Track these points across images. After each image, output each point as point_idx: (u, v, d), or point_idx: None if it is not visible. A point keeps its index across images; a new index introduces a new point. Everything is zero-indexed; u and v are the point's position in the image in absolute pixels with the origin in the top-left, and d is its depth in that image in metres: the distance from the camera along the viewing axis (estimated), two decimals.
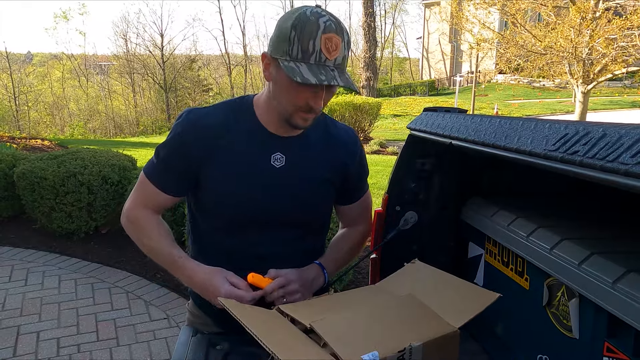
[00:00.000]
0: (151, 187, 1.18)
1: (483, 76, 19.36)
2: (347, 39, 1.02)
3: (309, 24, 0.97)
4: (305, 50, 0.98)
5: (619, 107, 20.63)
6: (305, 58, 0.98)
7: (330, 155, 1.21)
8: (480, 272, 1.19)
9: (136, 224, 1.20)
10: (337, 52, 0.99)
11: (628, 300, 0.69)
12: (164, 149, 1.16)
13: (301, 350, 0.83)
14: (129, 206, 1.21)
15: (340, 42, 1.00)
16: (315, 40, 0.97)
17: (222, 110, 1.17)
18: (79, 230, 4.17)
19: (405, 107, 22.80)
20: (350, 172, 1.24)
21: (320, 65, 0.99)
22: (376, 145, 11.41)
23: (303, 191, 1.17)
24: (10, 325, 2.89)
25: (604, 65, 10.08)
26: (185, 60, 32.29)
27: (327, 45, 0.98)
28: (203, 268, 1.12)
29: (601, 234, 0.93)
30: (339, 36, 0.99)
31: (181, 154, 1.14)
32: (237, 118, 1.15)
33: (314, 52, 0.98)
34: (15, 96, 26.76)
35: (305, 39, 0.97)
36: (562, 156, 0.67)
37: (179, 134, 1.14)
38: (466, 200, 1.27)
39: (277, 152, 1.15)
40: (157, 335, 2.83)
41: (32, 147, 7.61)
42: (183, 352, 1.17)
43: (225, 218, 1.17)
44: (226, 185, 1.13)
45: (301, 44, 0.97)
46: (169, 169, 1.16)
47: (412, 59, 46.90)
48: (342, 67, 1.02)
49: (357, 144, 1.27)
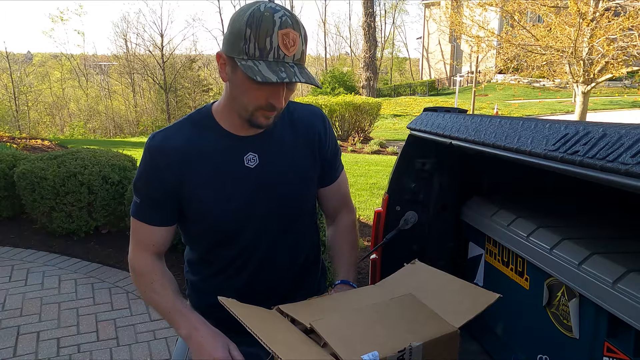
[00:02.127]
0: (141, 226, 1.14)
1: (483, 76, 19.35)
2: (304, 33, 0.99)
3: (264, 20, 0.94)
4: (263, 48, 0.95)
5: (619, 107, 20.63)
6: (263, 56, 0.95)
7: (300, 142, 1.19)
8: (480, 272, 1.19)
9: (139, 274, 1.16)
10: (295, 47, 0.97)
11: (628, 300, 0.69)
12: (140, 181, 1.14)
13: (301, 350, 0.83)
14: (131, 255, 1.18)
15: (298, 37, 0.97)
16: (272, 37, 0.94)
17: (184, 128, 1.13)
18: (79, 230, 4.17)
19: (405, 107, 22.80)
20: (324, 151, 1.23)
21: (280, 62, 0.96)
22: (376, 145, 11.41)
23: (282, 185, 1.16)
24: (11, 325, 2.89)
25: (604, 65, 10.08)
26: (185, 60, 32.26)
27: (285, 42, 0.95)
28: (209, 326, 1.07)
29: (601, 234, 0.92)
30: (296, 31, 0.97)
31: (156, 179, 1.11)
32: (200, 131, 1.12)
33: (272, 49, 0.95)
34: (15, 96, 26.74)
35: (262, 36, 0.94)
36: (562, 156, 0.67)
37: (148, 161, 1.11)
38: (466, 200, 1.27)
39: (248, 153, 1.13)
40: (157, 335, 2.83)
41: (32, 147, 7.61)
42: (183, 352, 1.17)
43: (213, 232, 1.15)
44: (206, 197, 1.11)
45: (258, 42, 0.95)
46: (151, 199, 1.12)
47: (412, 59, 46.93)
48: (301, 62, 1.00)
49: (325, 121, 1.25)
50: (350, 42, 43.98)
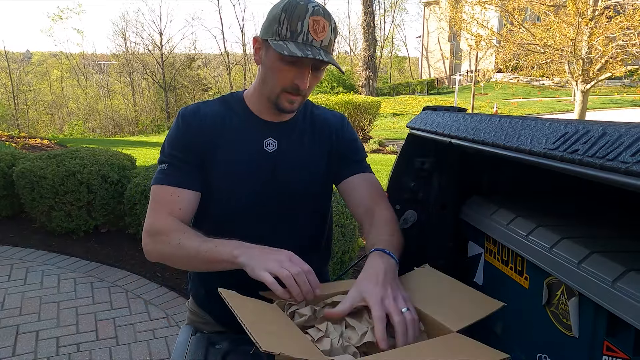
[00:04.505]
0: (167, 191, 1.11)
1: (482, 75, 19.35)
2: (334, 25, 1.07)
3: (299, 7, 1.03)
4: (294, 30, 1.03)
5: (619, 106, 20.65)
6: (294, 37, 1.03)
7: (317, 137, 1.24)
8: (480, 271, 1.19)
9: (163, 233, 1.07)
10: (324, 33, 1.04)
11: (628, 299, 0.69)
12: (170, 145, 1.15)
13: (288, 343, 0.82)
14: (150, 221, 1.10)
15: (328, 26, 1.05)
16: (304, 21, 1.02)
17: (216, 104, 1.21)
18: (79, 230, 4.17)
19: (404, 106, 22.80)
20: (339, 146, 1.25)
21: (307, 44, 1.03)
22: (375, 144, 11.42)
23: (296, 174, 1.19)
24: (10, 324, 2.89)
25: (603, 64, 10.08)
26: (185, 59, 32.27)
27: (315, 27, 1.03)
28: None
29: (601, 233, 0.92)
30: (326, 20, 1.05)
31: (188, 141, 1.14)
32: (230, 108, 1.19)
33: (302, 32, 1.03)
34: (14, 95, 26.73)
35: (294, 20, 1.02)
36: (561, 155, 0.67)
37: (181, 124, 1.16)
38: (466, 199, 1.27)
39: (269, 138, 1.18)
40: (157, 334, 2.83)
41: (31, 146, 7.60)
42: (182, 351, 1.17)
43: (224, 207, 1.17)
44: (224, 171, 1.15)
45: (290, 25, 1.03)
46: (180, 161, 1.13)
47: (411, 58, 46.95)
48: (328, 49, 1.07)
49: (344, 120, 1.30)
50: (350, 41, 44.07)
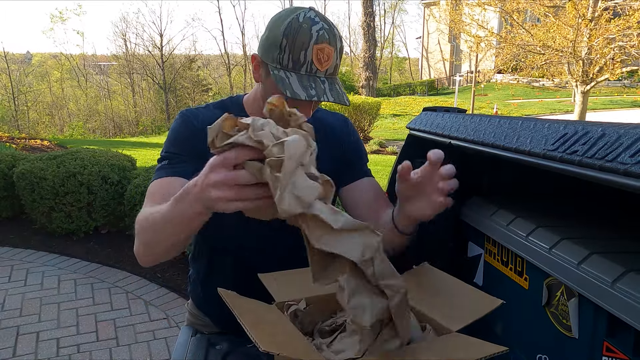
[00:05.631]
0: (161, 182, 1.06)
1: (482, 76, 19.37)
2: (339, 46, 1.00)
3: (302, 32, 0.95)
4: (296, 61, 0.96)
5: (619, 107, 20.66)
6: (296, 68, 0.96)
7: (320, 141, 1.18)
8: (480, 271, 1.19)
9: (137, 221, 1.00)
10: (329, 62, 0.98)
11: (627, 299, 0.69)
12: (167, 144, 1.14)
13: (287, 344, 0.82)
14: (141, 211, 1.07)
15: (333, 52, 0.98)
16: (307, 50, 0.95)
17: (213, 109, 1.17)
18: (79, 231, 4.17)
19: (404, 106, 22.81)
20: (343, 151, 1.22)
21: (311, 77, 0.97)
22: (376, 145, 11.42)
23: None
24: (10, 325, 2.89)
25: (603, 65, 10.08)
26: (185, 60, 32.27)
27: (319, 56, 0.96)
28: None
29: (600, 233, 0.93)
30: (331, 46, 0.97)
31: (184, 142, 1.12)
32: None
33: (305, 63, 0.96)
34: (14, 96, 26.74)
35: (297, 49, 0.95)
36: (561, 156, 0.67)
37: (180, 124, 1.14)
38: (465, 200, 1.27)
39: None
40: (157, 335, 2.83)
41: (32, 147, 7.61)
42: (182, 352, 1.17)
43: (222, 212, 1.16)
44: None
45: (292, 54, 0.96)
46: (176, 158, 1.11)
47: (411, 59, 46.97)
48: (333, 76, 1.01)
49: (347, 123, 1.27)
50: (350, 41, 43.99)
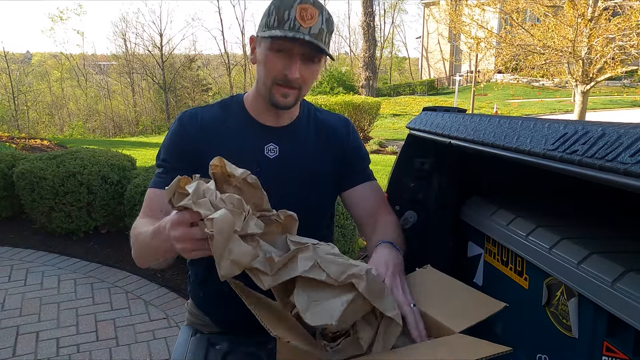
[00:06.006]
0: (155, 194, 1.11)
1: (482, 76, 19.36)
2: (326, 16, 1.04)
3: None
4: (281, 19, 1.02)
5: (619, 107, 20.65)
6: (281, 25, 1.02)
7: (321, 144, 1.21)
8: (480, 271, 1.19)
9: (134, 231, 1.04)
10: (312, 21, 1.02)
11: (627, 299, 0.69)
12: (163, 151, 1.16)
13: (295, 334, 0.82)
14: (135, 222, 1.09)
15: (317, 14, 1.02)
16: (291, 10, 1.01)
17: (215, 108, 1.20)
18: (79, 230, 4.17)
19: (404, 106, 22.80)
20: (345, 153, 1.23)
21: (294, 31, 1.01)
22: (375, 145, 11.42)
23: (298, 181, 1.17)
24: (10, 325, 2.89)
25: (603, 64, 10.08)
26: (185, 60, 32.24)
27: (302, 14, 1.01)
28: None
29: (600, 233, 0.93)
30: (316, 8, 1.02)
31: (179, 149, 1.14)
32: (229, 113, 1.18)
33: (289, 20, 1.01)
34: (14, 96, 26.72)
35: (282, 9, 1.02)
36: (561, 155, 0.67)
37: (177, 128, 1.16)
38: (465, 200, 1.27)
39: (270, 143, 1.16)
40: (157, 335, 2.83)
41: (32, 147, 7.60)
42: (182, 352, 1.17)
43: None
44: None
45: (277, 14, 1.02)
46: (171, 167, 1.13)
47: (411, 59, 46.96)
48: (318, 38, 1.03)
49: (349, 125, 1.28)
50: (350, 41, 44.06)
